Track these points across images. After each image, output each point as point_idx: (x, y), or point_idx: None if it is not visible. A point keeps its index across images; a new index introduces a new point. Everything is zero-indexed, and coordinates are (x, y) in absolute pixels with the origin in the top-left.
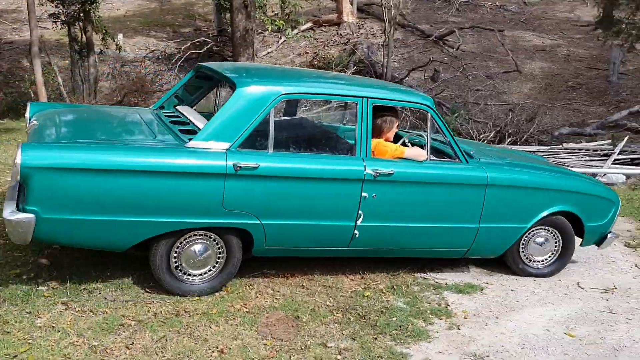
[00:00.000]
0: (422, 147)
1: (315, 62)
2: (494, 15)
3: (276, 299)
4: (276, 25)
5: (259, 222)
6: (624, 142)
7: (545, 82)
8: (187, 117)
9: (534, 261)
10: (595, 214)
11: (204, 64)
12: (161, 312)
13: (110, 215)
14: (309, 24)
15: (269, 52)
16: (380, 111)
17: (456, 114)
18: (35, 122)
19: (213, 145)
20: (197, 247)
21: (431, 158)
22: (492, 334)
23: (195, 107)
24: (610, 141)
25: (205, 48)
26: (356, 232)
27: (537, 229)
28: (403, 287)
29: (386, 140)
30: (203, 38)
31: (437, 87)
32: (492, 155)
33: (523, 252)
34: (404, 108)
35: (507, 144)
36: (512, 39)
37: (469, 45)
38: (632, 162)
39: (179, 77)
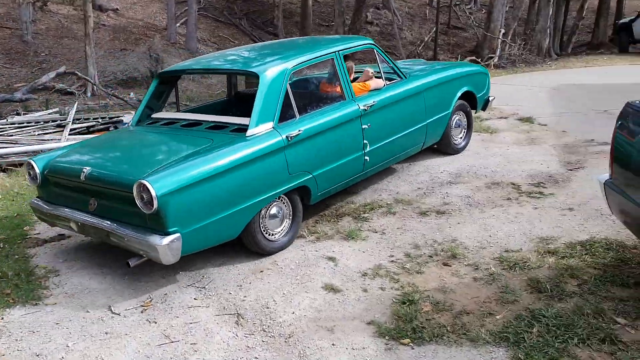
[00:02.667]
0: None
1: None
2: None
3: None
4: None
5: (311, 175)
6: (73, 109)
7: None
8: (183, 119)
9: (456, 140)
10: (480, 86)
11: (165, 70)
12: None
13: (225, 210)
14: None
15: None
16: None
17: None
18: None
19: (263, 129)
20: (273, 211)
21: (386, 83)
22: None
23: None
24: (58, 110)
25: None
26: (366, 157)
27: (454, 115)
28: None
29: (352, 81)
30: None
31: None
32: (411, 68)
33: (452, 134)
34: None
35: None
36: None
37: None
38: (89, 131)
39: None
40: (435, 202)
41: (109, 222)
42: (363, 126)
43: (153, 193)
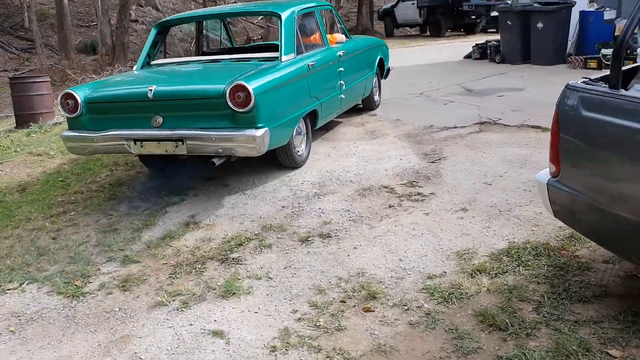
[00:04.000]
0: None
1: None
2: None
3: None
4: None
5: (319, 102)
6: None
7: None
8: (196, 60)
9: (376, 98)
10: (387, 56)
11: (165, 19)
12: None
13: (287, 115)
14: None
15: None
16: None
17: None
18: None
19: (290, 57)
20: (296, 130)
21: (345, 39)
22: None
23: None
24: None
25: None
26: (342, 96)
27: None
28: None
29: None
30: None
31: None
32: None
33: (375, 93)
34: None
35: None
36: None
37: None
38: None
39: None
40: (312, 222)
41: (185, 130)
42: (339, 68)
43: (251, 90)
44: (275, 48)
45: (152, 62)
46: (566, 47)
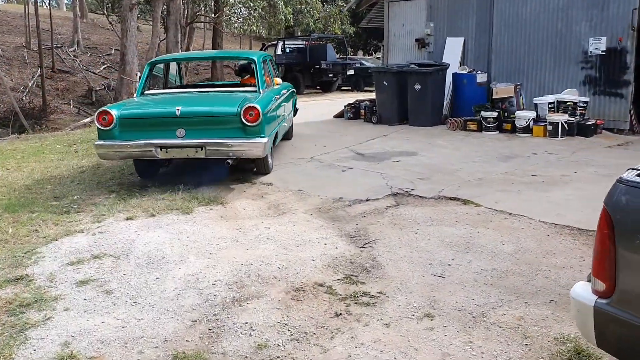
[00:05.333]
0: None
1: None
2: None
3: None
4: None
5: (278, 125)
6: None
7: None
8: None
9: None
10: (296, 99)
11: (156, 58)
12: None
13: (273, 130)
14: None
15: None
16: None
17: None
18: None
19: (262, 89)
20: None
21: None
22: None
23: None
24: None
25: None
26: (285, 124)
27: None
28: None
29: None
30: None
31: None
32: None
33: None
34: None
35: None
36: None
37: None
38: None
39: None
40: (242, 347)
41: (206, 139)
42: (283, 103)
43: (259, 110)
44: (230, 86)
45: (146, 92)
46: (442, 109)
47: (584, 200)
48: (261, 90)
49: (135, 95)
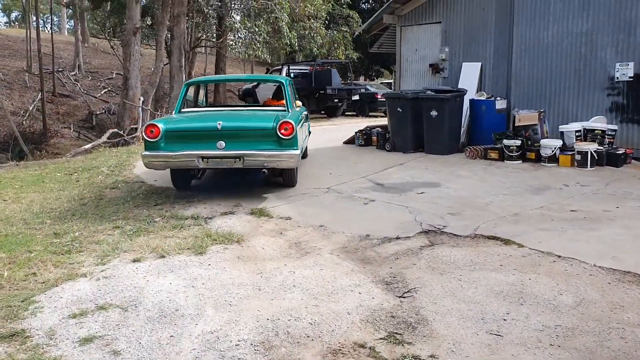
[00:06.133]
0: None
1: None
2: None
3: None
4: None
5: (304, 141)
6: None
7: None
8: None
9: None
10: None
11: (192, 80)
12: None
13: (303, 144)
14: None
15: None
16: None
17: None
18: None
19: (291, 110)
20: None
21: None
22: None
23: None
24: None
25: None
26: (307, 143)
27: None
28: None
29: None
30: None
31: None
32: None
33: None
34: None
35: None
36: None
37: None
38: None
39: None
40: None
41: (245, 151)
42: (305, 123)
43: (294, 125)
44: (254, 107)
45: (182, 110)
46: (459, 136)
47: (638, 239)
48: (289, 110)
49: (173, 112)
